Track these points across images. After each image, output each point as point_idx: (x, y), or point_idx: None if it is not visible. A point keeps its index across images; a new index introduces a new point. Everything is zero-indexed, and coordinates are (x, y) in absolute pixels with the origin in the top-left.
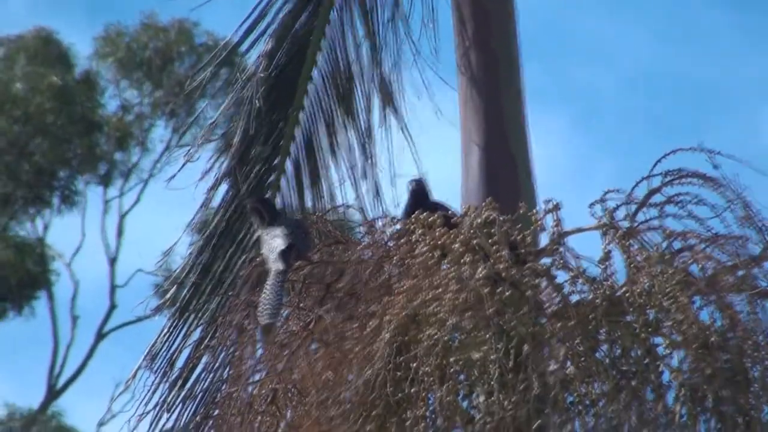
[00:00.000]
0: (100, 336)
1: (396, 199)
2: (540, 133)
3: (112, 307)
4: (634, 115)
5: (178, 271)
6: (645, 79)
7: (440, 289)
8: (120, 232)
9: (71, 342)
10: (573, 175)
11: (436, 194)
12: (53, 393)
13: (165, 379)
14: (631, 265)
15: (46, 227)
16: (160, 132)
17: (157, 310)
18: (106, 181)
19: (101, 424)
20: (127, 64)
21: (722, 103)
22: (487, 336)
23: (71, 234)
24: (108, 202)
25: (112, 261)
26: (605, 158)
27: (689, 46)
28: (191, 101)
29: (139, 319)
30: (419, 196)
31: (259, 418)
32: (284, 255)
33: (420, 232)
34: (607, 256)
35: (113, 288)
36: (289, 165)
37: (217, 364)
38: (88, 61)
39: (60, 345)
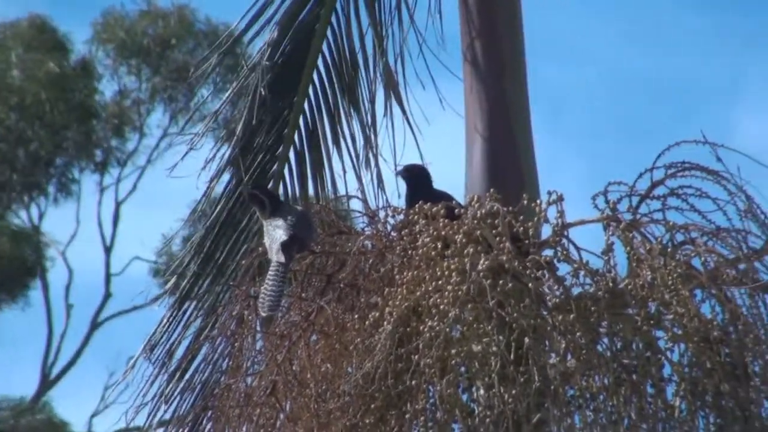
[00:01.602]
0: (95, 325)
1: (399, 190)
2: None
3: (107, 295)
4: (604, 116)
5: (178, 260)
6: (615, 79)
7: (442, 281)
8: (116, 220)
9: (65, 331)
10: (542, 175)
11: (440, 185)
12: (47, 383)
13: (164, 370)
14: (634, 258)
15: (41, 215)
16: (157, 118)
17: (157, 298)
18: (102, 169)
19: (94, 414)
20: (125, 50)
21: (692, 105)
22: (489, 328)
23: (66, 222)
24: (104, 189)
25: (108, 249)
26: (574, 158)
27: (658, 46)
28: (193, 88)
29: (135, 308)
30: (419, 183)
31: (258, 410)
32: (286, 247)
33: (423, 222)
34: (609, 248)
35: (108, 276)
36: (292, 154)
37: (216, 355)
38: (84, 47)
39: (54, 334)
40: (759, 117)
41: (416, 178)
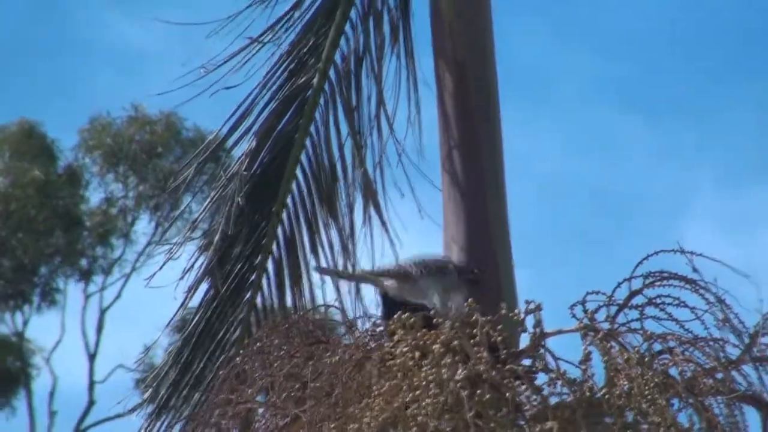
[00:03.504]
0: None
1: (376, 299)
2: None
3: (91, 402)
4: (548, 225)
5: (157, 369)
6: (559, 188)
7: (420, 391)
8: (100, 328)
9: None
10: None
11: None
12: None
13: None
14: (611, 367)
15: (25, 322)
16: (143, 226)
17: (136, 408)
18: (87, 277)
19: None
20: (112, 157)
21: (637, 214)
22: None
23: (51, 328)
24: (88, 296)
25: (92, 356)
26: (519, 267)
27: (602, 156)
28: (175, 196)
29: (118, 416)
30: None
31: None
32: None
33: (400, 332)
34: (587, 358)
35: (92, 384)
36: (270, 264)
37: None
38: (71, 154)
39: None
40: (706, 226)
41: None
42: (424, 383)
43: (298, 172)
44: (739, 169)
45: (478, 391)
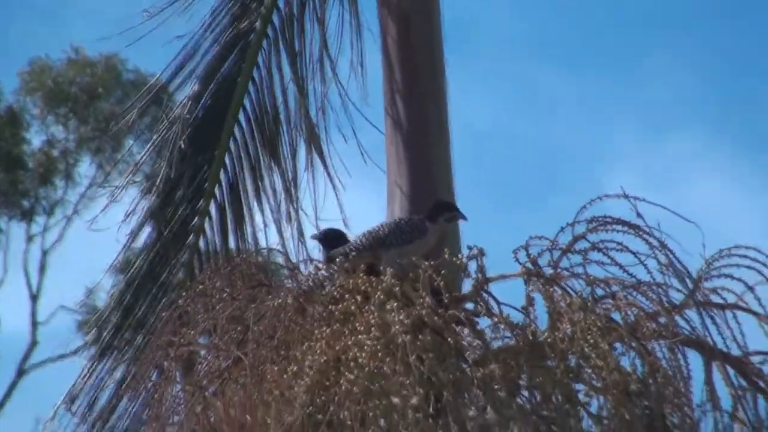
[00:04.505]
0: (21, 372)
1: (318, 245)
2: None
3: (34, 343)
4: (476, 180)
5: (100, 311)
6: (486, 142)
7: (361, 336)
8: (42, 268)
9: None
10: None
11: None
12: None
13: (84, 420)
14: (554, 311)
15: None
16: (85, 168)
17: (78, 350)
18: (29, 217)
19: None
20: (53, 99)
21: (564, 169)
22: (408, 381)
23: None
24: (31, 237)
25: (34, 297)
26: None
27: (531, 110)
28: (117, 139)
29: (61, 357)
30: (334, 246)
31: None
32: None
33: (342, 277)
34: (530, 302)
35: (35, 324)
36: (213, 208)
37: (136, 405)
38: (12, 97)
39: None
40: (631, 178)
41: (331, 241)
42: (366, 327)
43: (241, 117)
44: (661, 121)
45: (420, 336)
